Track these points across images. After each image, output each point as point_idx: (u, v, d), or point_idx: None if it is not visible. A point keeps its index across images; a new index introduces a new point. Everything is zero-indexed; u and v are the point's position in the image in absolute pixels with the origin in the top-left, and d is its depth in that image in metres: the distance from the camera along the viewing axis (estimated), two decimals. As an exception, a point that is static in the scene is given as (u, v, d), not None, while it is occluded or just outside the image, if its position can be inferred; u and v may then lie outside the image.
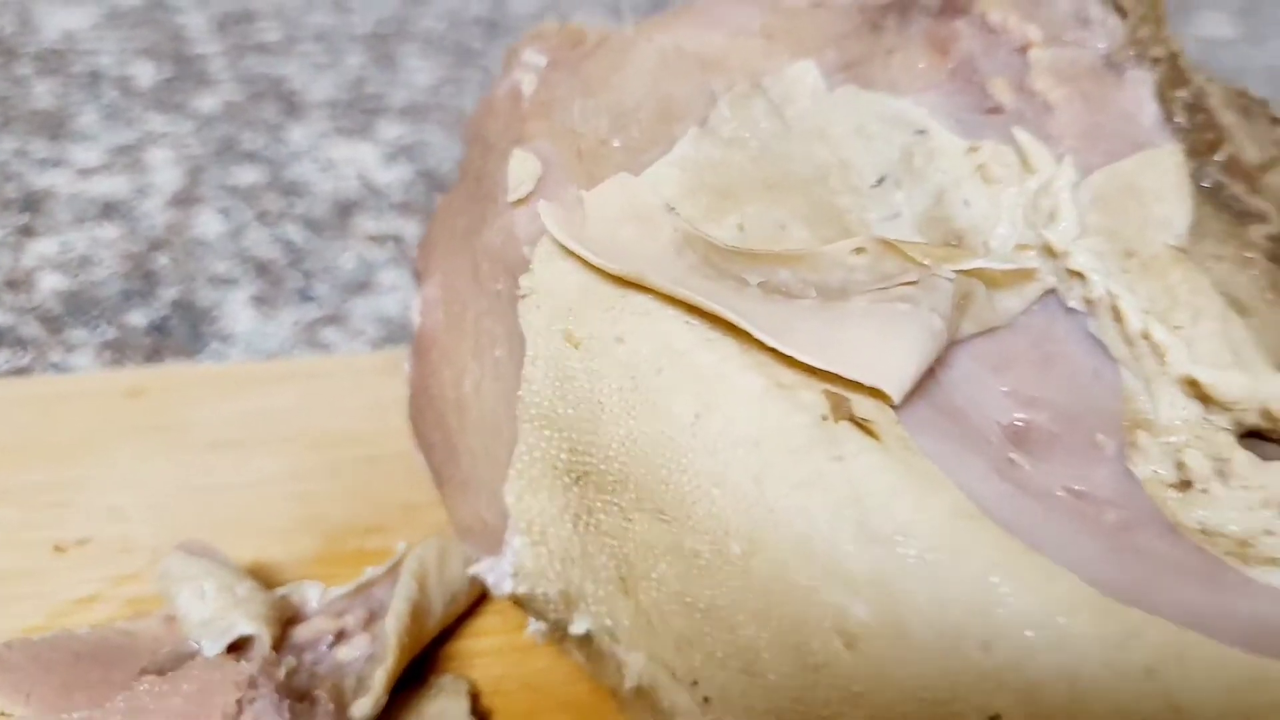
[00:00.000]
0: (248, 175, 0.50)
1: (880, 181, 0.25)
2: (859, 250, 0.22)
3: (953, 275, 0.22)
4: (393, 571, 0.28)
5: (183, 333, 0.41)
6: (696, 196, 0.25)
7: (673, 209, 0.23)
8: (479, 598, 0.29)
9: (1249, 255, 0.23)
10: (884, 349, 0.21)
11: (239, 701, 0.22)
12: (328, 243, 0.46)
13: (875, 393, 0.20)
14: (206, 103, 0.55)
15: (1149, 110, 0.26)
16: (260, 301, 0.43)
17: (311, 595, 0.27)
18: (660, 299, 0.22)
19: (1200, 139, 0.26)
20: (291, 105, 0.56)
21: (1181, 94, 0.26)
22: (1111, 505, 0.20)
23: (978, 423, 0.21)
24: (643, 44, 0.29)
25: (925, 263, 0.22)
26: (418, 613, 0.27)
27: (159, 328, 0.41)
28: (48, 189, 0.48)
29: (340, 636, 0.27)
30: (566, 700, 0.28)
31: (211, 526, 0.30)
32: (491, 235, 0.25)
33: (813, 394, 0.20)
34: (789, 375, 0.21)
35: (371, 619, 0.27)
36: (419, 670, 0.28)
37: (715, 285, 0.22)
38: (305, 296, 0.44)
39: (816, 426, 0.20)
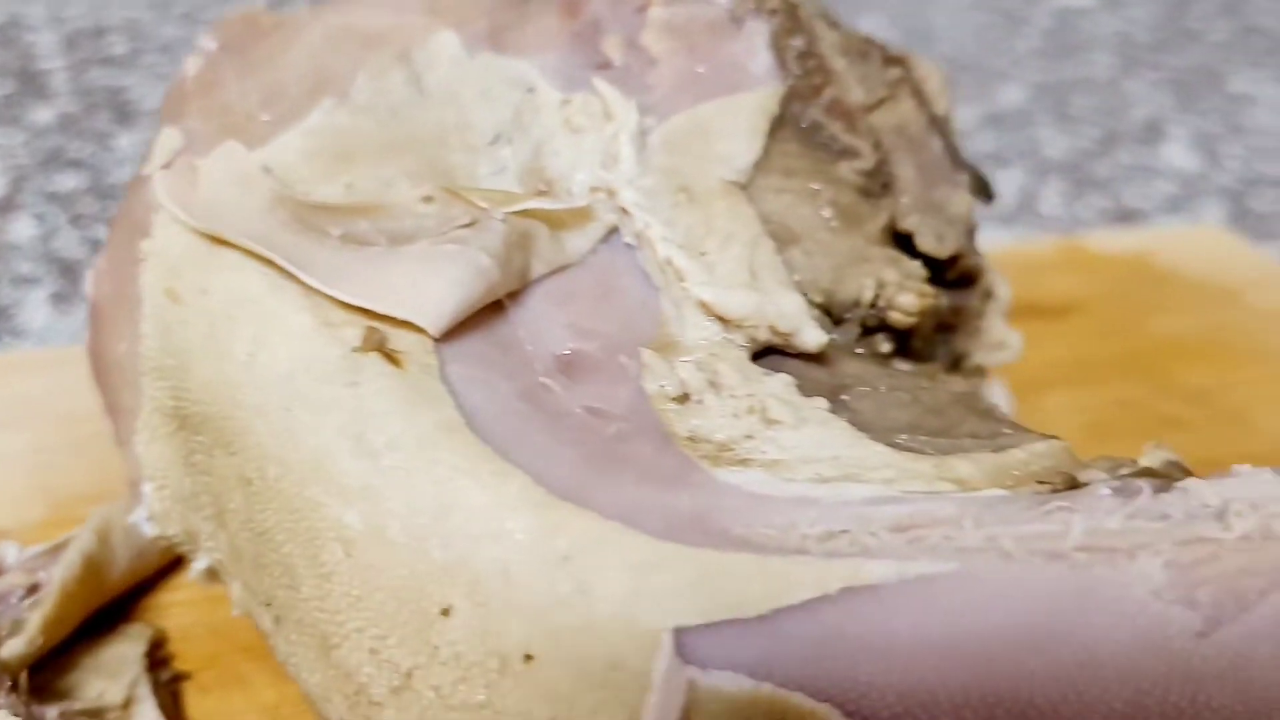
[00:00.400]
0: (69, 182, 0.52)
1: (495, 139, 0.27)
2: (427, 199, 0.24)
3: (503, 217, 0.23)
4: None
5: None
6: (313, 160, 0.26)
7: (269, 171, 0.25)
8: (174, 560, 0.31)
9: (816, 187, 0.25)
10: (423, 286, 0.22)
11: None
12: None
13: (416, 326, 0.22)
14: (42, 115, 0.57)
15: (761, 59, 0.27)
16: (59, 299, 0.45)
17: (9, 553, 0.29)
18: (245, 254, 0.24)
19: (807, 83, 0.27)
20: (124, 115, 0.58)
21: (795, 42, 0.28)
22: (618, 420, 0.21)
23: (532, 353, 0.23)
24: (313, 24, 0.30)
25: (484, 206, 0.23)
26: (95, 564, 0.28)
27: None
28: None
29: (32, 590, 0.28)
30: (248, 644, 0.29)
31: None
32: (133, 206, 0.27)
33: (355, 330, 0.22)
34: (340, 315, 0.22)
35: (64, 575, 0.28)
36: (111, 620, 0.29)
37: (297, 239, 0.24)
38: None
39: (344, 358, 0.21)
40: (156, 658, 0.29)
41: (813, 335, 0.22)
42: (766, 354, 0.22)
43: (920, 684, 0.16)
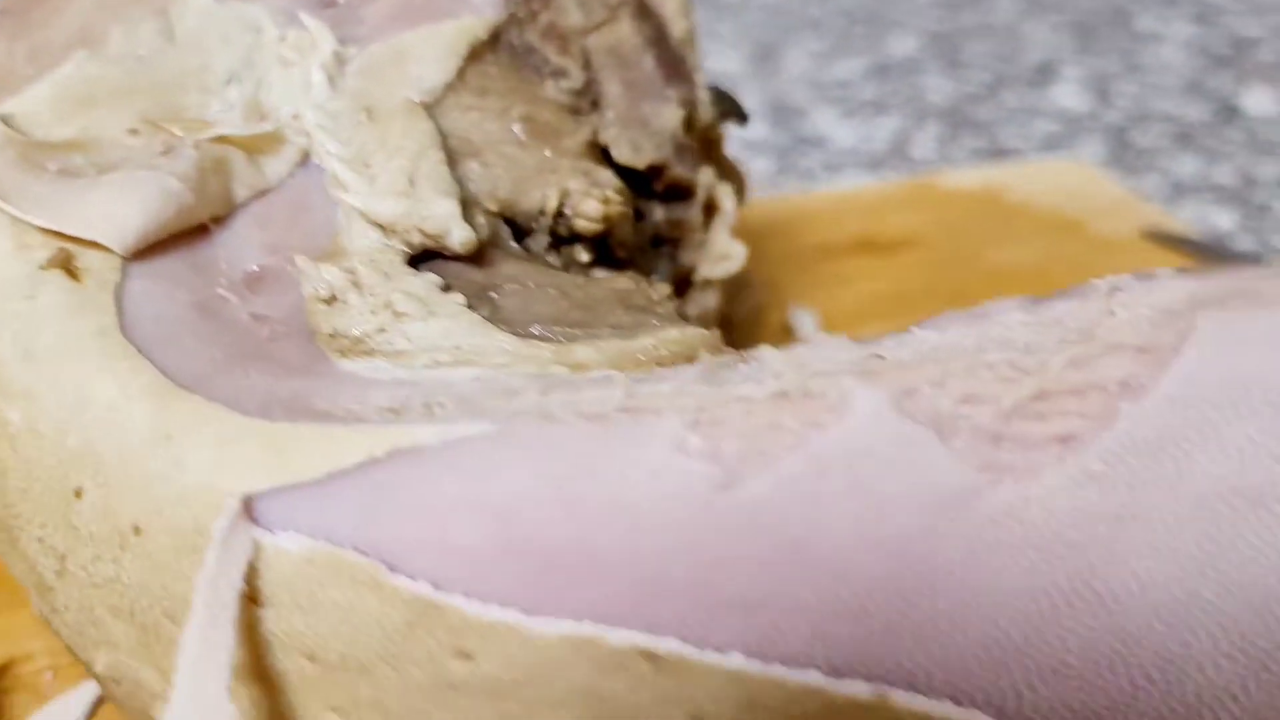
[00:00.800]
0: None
1: (229, 80, 0.28)
2: (133, 131, 0.26)
3: (195, 143, 0.25)
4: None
5: None
6: (56, 107, 0.28)
7: (10, 117, 0.27)
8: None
9: (508, 105, 0.26)
10: (112, 209, 0.24)
11: None
12: None
13: (100, 246, 0.24)
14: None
15: (485, -11, 0.29)
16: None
17: None
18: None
19: (526, 8, 0.29)
20: None
21: (516, -31, 0.29)
22: (276, 324, 0.23)
23: (225, 270, 0.25)
24: (91, -17, 0.32)
25: (179, 135, 0.25)
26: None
27: None
28: None
29: None
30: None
31: None
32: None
33: (48, 252, 0.24)
34: (38, 239, 0.24)
35: None
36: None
37: (15, 174, 0.25)
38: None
39: (29, 275, 0.23)
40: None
41: (459, 235, 0.23)
42: (428, 258, 0.24)
43: (458, 540, 0.18)
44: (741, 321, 0.37)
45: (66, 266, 0.23)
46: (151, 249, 0.24)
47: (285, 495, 0.18)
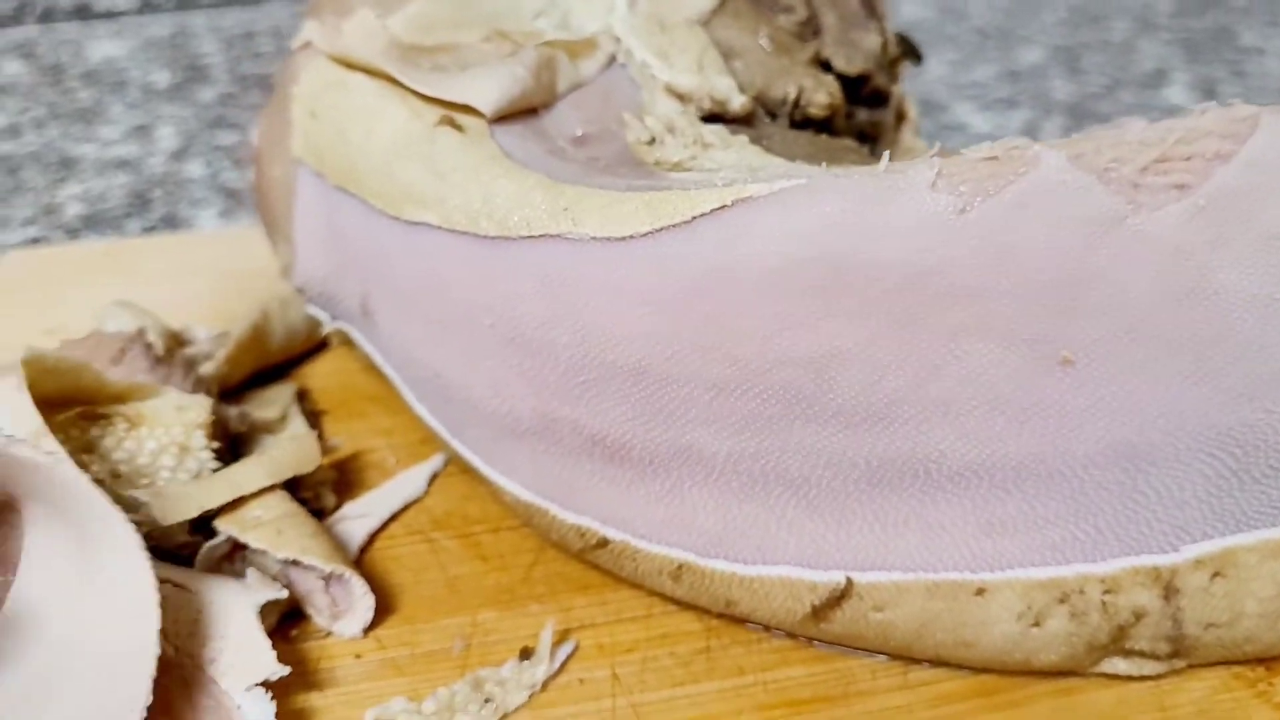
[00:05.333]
0: (230, 138, 0.65)
1: (537, 16, 0.38)
2: (486, 39, 0.35)
3: (534, 47, 0.34)
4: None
5: (166, 234, 0.55)
6: (411, 29, 0.37)
7: (386, 27, 0.36)
8: (319, 343, 0.42)
9: (760, 26, 0.35)
10: (478, 84, 0.33)
11: (121, 350, 0.35)
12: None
13: (474, 111, 0.33)
14: (206, 95, 0.71)
15: (730, -52, 0.38)
16: (224, 214, 0.57)
17: (199, 332, 0.40)
18: (365, 74, 0.35)
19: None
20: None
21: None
22: (606, 159, 0.32)
23: (554, 134, 0.33)
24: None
25: (520, 42, 0.34)
26: (258, 334, 0.39)
27: (150, 231, 0.56)
28: (79, 155, 0.63)
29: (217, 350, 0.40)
30: (369, 394, 0.40)
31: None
32: (284, 74, 0.39)
33: (435, 115, 0.33)
34: (425, 108, 0.33)
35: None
36: (269, 381, 0.40)
37: (403, 65, 0.35)
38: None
39: (427, 129, 0.32)
40: (302, 401, 0.40)
41: (738, 101, 0.32)
42: (709, 121, 0.33)
43: (786, 254, 0.26)
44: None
45: (452, 123, 0.32)
46: (503, 118, 0.33)
47: (660, 235, 0.27)
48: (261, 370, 0.40)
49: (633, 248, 0.27)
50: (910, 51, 0.40)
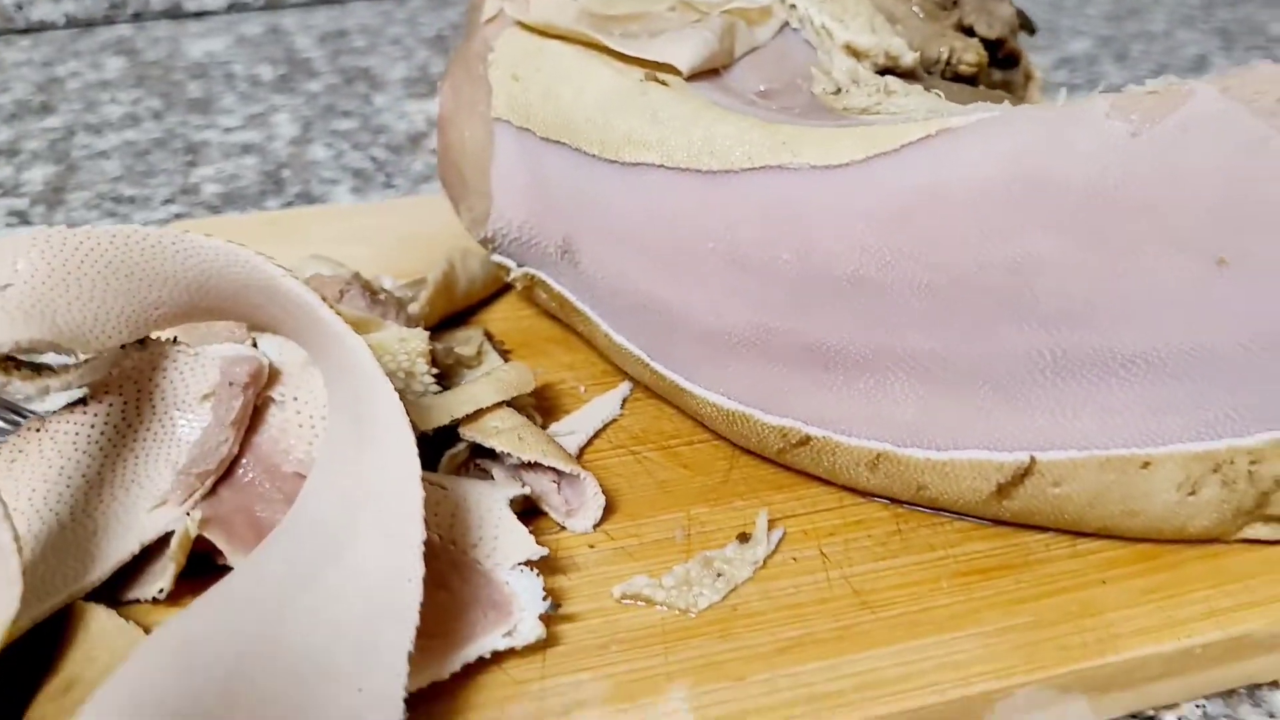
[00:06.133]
0: (345, 124, 0.69)
1: (704, -11, 0.42)
2: (672, 8, 0.39)
3: (718, 14, 0.38)
4: (440, 271, 0.45)
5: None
6: (595, 1, 0.42)
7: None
8: (497, 290, 0.46)
9: (913, -1, 0.40)
10: (675, 47, 0.37)
11: (340, 291, 0.40)
12: (400, 157, 0.65)
13: (671, 69, 0.37)
14: (313, 86, 0.75)
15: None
16: (356, 190, 0.62)
17: (387, 281, 0.45)
18: (562, 43, 0.39)
19: (907, -56, 0.42)
20: (375, 83, 0.75)
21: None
22: (799, 108, 0.36)
23: (740, 90, 0.38)
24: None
25: (705, 11, 0.39)
26: (448, 281, 0.44)
27: (289, 208, 0.60)
28: (204, 140, 0.68)
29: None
30: (549, 335, 0.44)
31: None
32: (475, 43, 0.43)
33: (639, 73, 0.37)
34: (628, 68, 0.38)
35: (424, 298, 0.44)
36: (459, 322, 0.45)
37: (597, 31, 0.39)
38: (388, 185, 0.62)
39: (635, 83, 0.37)
40: (489, 336, 0.44)
41: (909, 57, 0.37)
42: (882, 75, 0.37)
43: (985, 174, 0.30)
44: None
45: (656, 79, 0.37)
46: (693, 77, 0.38)
47: (874, 161, 0.31)
48: (449, 316, 0.45)
49: (849, 173, 0.32)
50: (1026, 24, 0.44)
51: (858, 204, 0.32)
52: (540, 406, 0.40)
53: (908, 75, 0.37)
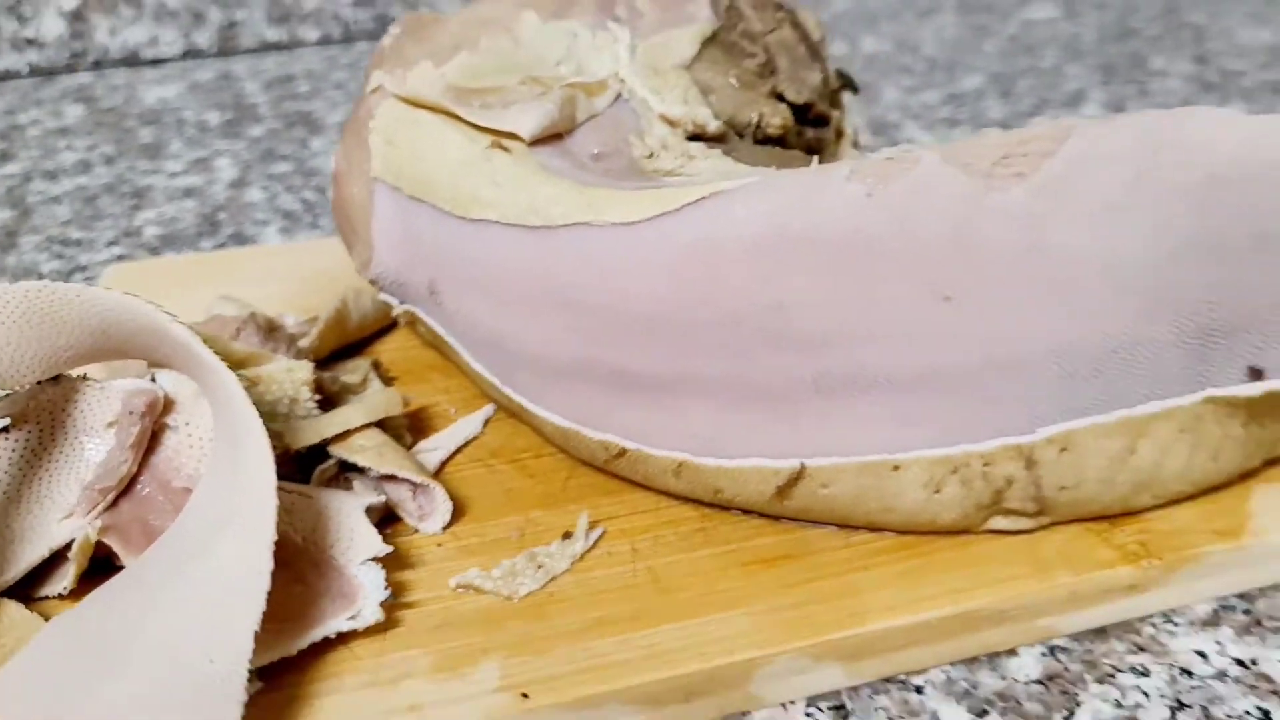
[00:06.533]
0: (281, 168, 0.76)
1: (558, 64, 0.49)
2: (523, 83, 0.46)
3: (560, 88, 0.45)
4: (334, 308, 0.51)
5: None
6: (461, 75, 0.48)
7: (443, 74, 0.47)
8: (389, 324, 0.53)
9: (730, 69, 0.46)
10: (519, 117, 0.44)
11: (237, 329, 0.46)
12: (328, 198, 0.71)
13: (516, 137, 0.44)
14: (255, 131, 0.81)
15: (704, 10, 0.49)
16: (284, 231, 0.68)
17: (289, 320, 0.51)
18: (429, 113, 0.46)
19: (731, 21, 0.49)
20: (314, 127, 0.81)
21: (723, 1, 0.49)
22: (620, 170, 0.42)
23: (577, 153, 0.44)
24: (455, 18, 0.53)
25: (550, 84, 0.45)
26: (340, 317, 0.50)
27: (221, 248, 0.66)
28: (149, 185, 0.74)
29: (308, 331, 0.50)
30: (432, 364, 0.51)
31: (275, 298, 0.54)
32: (361, 111, 0.50)
33: (488, 141, 0.44)
34: (481, 136, 0.44)
35: (322, 332, 0.50)
36: (350, 354, 0.51)
37: (461, 104, 0.46)
38: (314, 225, 0.68)
39: (483, 150, 0.43)
40: (376, 366, 0.50)
41: (714, 125, 0.43)
42: (692, 140, 0.44)
43: (748, 229, 0.37)
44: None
45: (501, 146, 0.43)
46: (538, 142, 0.44)
47: (659, 220, 0.38)
48: (342, 347, 0.51)
49: (641, 230, 0.38)
50: (848, 84, 0.51)
51: (650, 255, 0.38)
52: (413, 426, 0.46)
53: (718, 138, 0.44)
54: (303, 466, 0.42)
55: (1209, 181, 0.36)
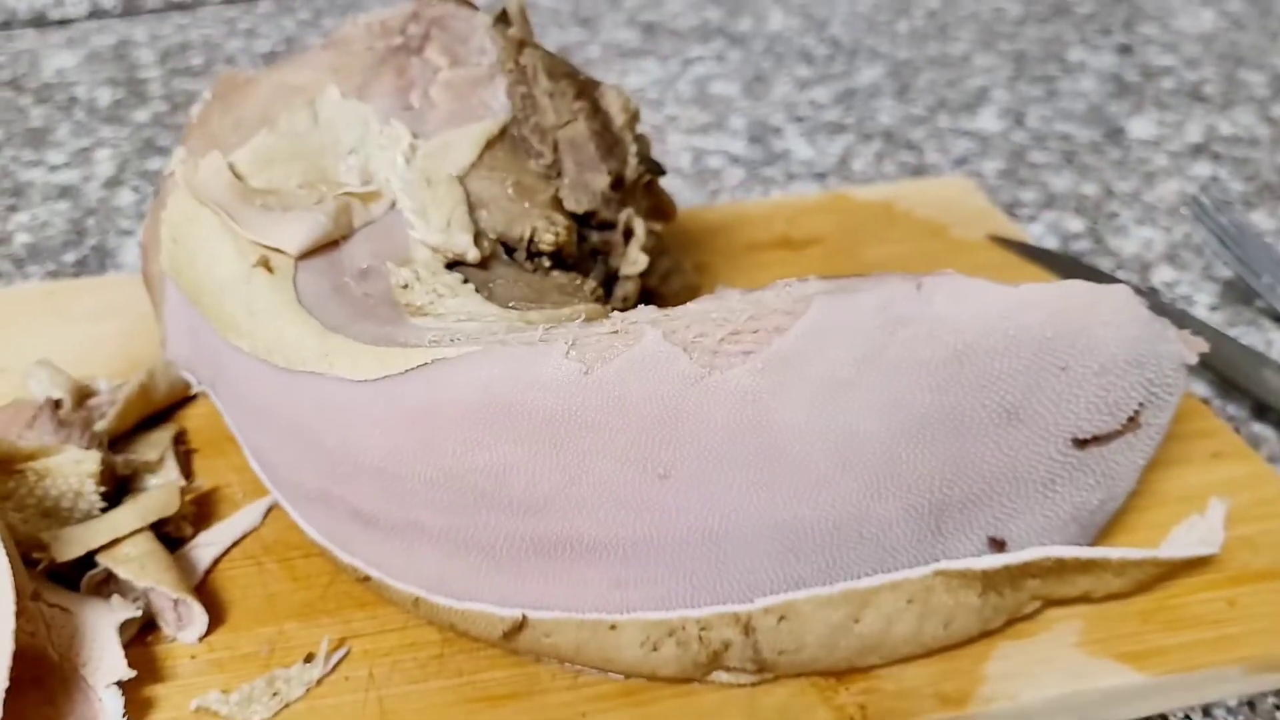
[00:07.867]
0: (159, 164, 0.76)
1: (351, 152, 0.49)
2: (301, 187, 0.46)
3: (335, 197, 0.45)
4: (145, 375, 0.52)
5: (95, 265, 0.67)
6: (252, 163, 0.48)
7: (231, 166, 0.47)
8: (191, 396, 0.54)
9: (505, 175, 0.46)
10: (288, 231, 0.44)
11: (33, 416, 0.47)
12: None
13: (284, 252, 0.44)
14: (141, 115, 0.81)
15: (500, 99, 0.48)
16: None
17: (102, 384, 0.52)
18: (210, 213, 0.46)
19: (524, 113, 0.48)
20: (198, 112, 0.81)
21: (520, 89, 0.49)
22: (375, 299, 0.43)
23: (348, 266, 0.45)
24: (266, 80, 0.52)
25: (325, 191, 0.45)
26: (145, 389, 0.51)
27: (81, 263, 0.67)
28: (30, 180, 0.74)
29: (111, 405, 0.51)
30: (230, 436, 0.52)
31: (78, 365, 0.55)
32: (163, 193, 0.50)
33: (257, 254, 0.44)
34: (250, 247, 0.44)
35: (132, 399, 0.52)
36: (154, 424, 0.52)
37: (239, 206, 0.46)
38: (174, 239, 0.69)
39: (248, 269, 0.44)
40: (179, 441, 0.52)
41: (472, 254, 0.43)
42: (457, 265, 0.44)
43: (463, 398, 0.37)
44: (674, 296, 0.55)
45: (266, 265, 0.44)
46: (308, 254, 0.44)
47: (385, 381, 0.38)
48: (149, 415, 0.52)
49: (366, 388, 0.39)
50: (653, 168, 0.50)
51: (376, 414, 0.39)
52: (199, 513, 0.48)
53: (482, 263, 0.44)
54: (76, 570, 0.44)
55: (953, 358, 0.37)
